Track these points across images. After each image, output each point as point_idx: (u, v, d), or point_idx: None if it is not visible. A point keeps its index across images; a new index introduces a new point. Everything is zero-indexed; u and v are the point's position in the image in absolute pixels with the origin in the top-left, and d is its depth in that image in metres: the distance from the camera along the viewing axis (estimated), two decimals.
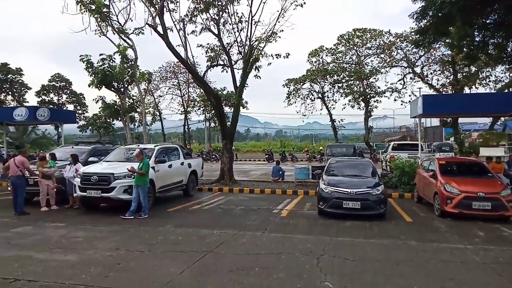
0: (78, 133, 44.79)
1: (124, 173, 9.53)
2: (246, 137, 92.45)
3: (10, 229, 7.94)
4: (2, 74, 44.14)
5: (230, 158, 16.16)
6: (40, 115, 15.47)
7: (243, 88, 16.52)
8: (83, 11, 14.06)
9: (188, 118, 40.84)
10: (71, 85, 48.69)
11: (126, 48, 15.67)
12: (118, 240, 7.06)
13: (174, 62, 35.49)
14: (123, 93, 18.10)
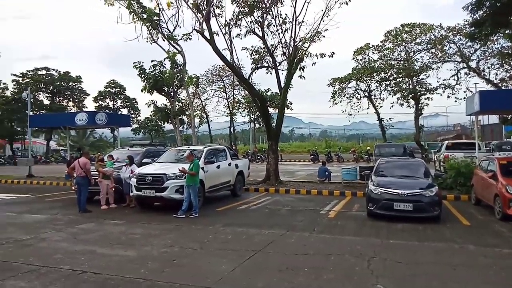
0: (131, 135, 47.29)
1: (176, 173, 9.97)
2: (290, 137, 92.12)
3: (75, 226, 8.63)
4: (64, 82, 47.82)
5: (275, 159, 16.26)
6: (98, 120, 16.63)
7: (288, 89, 16.56)
8: (136, 20, 14.90)
9: (234, 119, 41.59)
10: (125, 91, 51.63)
11: (175, 53, 16.35)
12: (172, 238, 7.41)
13: (220, 66, 36.35)
14: (173, 97, 18.88)
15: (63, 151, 50.59)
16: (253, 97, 17.79)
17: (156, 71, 17.54)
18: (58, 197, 13.68)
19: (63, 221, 9.23)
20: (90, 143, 49.01)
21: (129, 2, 14.46)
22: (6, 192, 14.98)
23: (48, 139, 49.17)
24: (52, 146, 52.74)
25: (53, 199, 13.10)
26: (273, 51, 16.78)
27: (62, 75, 47.52)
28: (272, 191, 14.18)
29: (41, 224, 8.83)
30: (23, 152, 44.59)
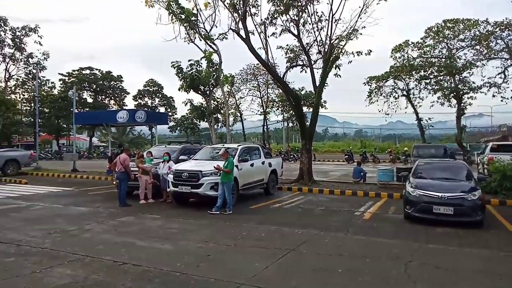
0: (168, 133, 48.68)
1: (211, 170, 10.17)
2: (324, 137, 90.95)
3: (116, 219, 9.04)
4: (106, 81, 50.04)
5: (309, 158, 16.14)
6: (138, 117, 17.28)
7: (323, 88, 16.37)
8: (174, 21, 15.29)
9: (267, 118, 41.66)
10: (163, 89, 53.20)
11: (212, 53, 16.63)
12: (207, 233, 7.58)
13: (254, 64, 36.52)
14: (209, 96, 19.23)
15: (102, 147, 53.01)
16: (287, 95, 17.74)
17: (193, 71, 17.94)
18: (100, 191, 14.36)
19: (104, 214, 9.69)
20: (129, 140, 50.97)
21: (168, 3, 14.88)
22: (54, 185, 15.93)
23: (91, 136, 51.72)
24: (94, 142, 55.34)
25: (96, 193, 13.77)
26: (308, 50, 16.64)
27: (105, 74, 49.78)
28: (305, 191, 14.09)
29: (85, 216, 9.32)
30: (68, 147, 47.17)
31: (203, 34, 16.15)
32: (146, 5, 14.41)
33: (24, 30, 28.80)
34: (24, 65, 30.41)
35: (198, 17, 15.87)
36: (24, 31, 28.80)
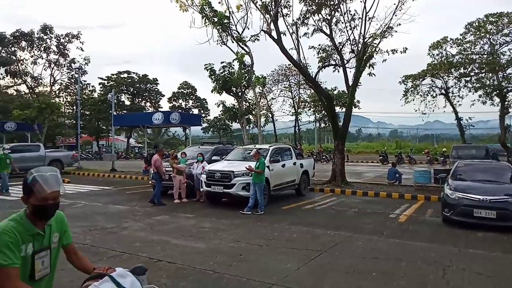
0: (201, 134, 49.59)
1: (243, 171, 10.27)
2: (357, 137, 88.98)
3: (152, 217, 9.34)
4: (142, 84, 51.80)
5: (341, 159, 15.89)
6: (172, 119, 17.78)
7: (356, 87, 16.07)
8: (207, 24, 15.59)
9: (299, 119, 41.45)
10: (196, 92, 54.31)
11: (244, 54, 16.79)
12: (239, 233, 7.67)
13: (286, 65, 36.48)
14: (241, 97, 19.42)
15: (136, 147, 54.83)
16: (319, 96, 17.56)
17: (225, 72, 18.19)
18: (136, 190, 14.88)
19: (141, 212, 10.04)
20: (164, 141, 52.47)
21: (202, 7, 15.20)
22: (94, 184, 16.70)
23: (128, 137, 53.72)
24: (132, 143, 57.42)
25: (133, 192, 14.29)
26: (341, 49, 16.40)
27: (141, 78, 51.56)
28: (338, 192, 13.89)
29: (122, 214, 9.70)
30: (107, 148, 49.25)
31: (235, 36, 16.34)
32: (181, 10, 14.79)
33: (67, 37, 30.41)
34: (67, 70, 32.14)
35: (230, 20, 16.08)
36: (67, 38, 30.41)
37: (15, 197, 12.25)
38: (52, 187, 2.07)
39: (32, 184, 2.04)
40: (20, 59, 30.13)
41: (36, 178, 2.04)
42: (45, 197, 2.06)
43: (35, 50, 29.76)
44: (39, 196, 2.04)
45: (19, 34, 29.05)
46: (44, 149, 21.91)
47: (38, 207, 2.08)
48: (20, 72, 29.97)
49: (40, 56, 30.02)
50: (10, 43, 29.37)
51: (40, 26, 29.59)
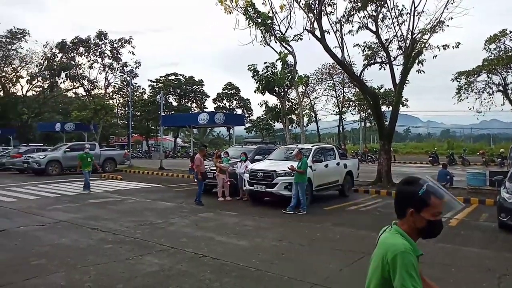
0: (244, 134, 50.22)
1: (285, 171, 10.30)
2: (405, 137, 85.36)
3: (197, 214, 9.66)
4: (189, 85, 53.51)
5: (388, 160, 15.38)
6: (217, 119, 18.22)
7: (403, 85, 15.48)
8: (251, 25, 15.80)
9: (343, 118, 40.58)
10: (240, 92, 55.09)
11: (287, 54, 16.81)
12: (281, 232, 7.72)
13: (330, 64, 35.88)
14: (283, 97, 19.43)
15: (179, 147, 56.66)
16: (365, 94, 17.12)
17: (268, 72, 18.30)
18: (183, 188, 15.44)
19: (187, 209, 10.42)
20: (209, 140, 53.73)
21: (246, 9, 15.42)
22: (144, 182, 17.56)
23: (175, 136, 55.75)
24: (179, 143, 59.49)
25: (179, 190, 14.85)
26: (388, 46, 15.88)
27: (188, 79, 53.28)
28: (384, 194, 13.47)
29: (170, 211, 10.14)
30: (156, 147, 51.45)
31: (278, 36, 16.40)
32: (225, 12, 15.12)
33: (120, 42, 32.17)
34: (120, 73, 33.96)
35: (274, 20, 16.17)
36: (120, 43, 32.17)
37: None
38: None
39: (426, 196, 1.74)
40: (78, 64, 32.41)
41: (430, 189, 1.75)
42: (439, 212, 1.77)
43: (92, 55, 31.85)
44: (435, 210, 1.75)
45: (77, 41, 31.25)
46: (99, 148, 23.37)
47: (432, 223, 1.77)
48: (78, 76, 32.22)
49: (96, 61, 32.09)
50: (70, 49, 31.69)
51: (96, 32, 31.61)
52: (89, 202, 11.40)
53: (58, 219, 8.76)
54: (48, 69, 34.02)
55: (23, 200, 11.75)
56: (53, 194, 13.13)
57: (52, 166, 20.13)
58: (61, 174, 20.23)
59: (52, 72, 33.11)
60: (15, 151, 24.09)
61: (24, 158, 20.62)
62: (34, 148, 24.08)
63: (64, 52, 32.52)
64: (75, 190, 14.34)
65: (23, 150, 23.49)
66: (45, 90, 40.31)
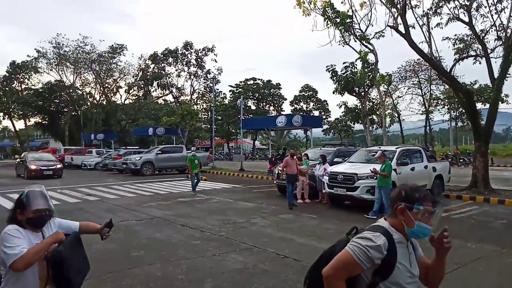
0: (321, 136, 49.55)
1: (367, 173, 9.97)
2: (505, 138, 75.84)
3: (277, 215, 9.84)
4: (267, 89, 54.71)
5: (484, 163, 13.86)
6: (295, 121, 18.33)
7: (503, 80, 13.84)
8: (329, 25, 15.58)
9: (430, 118, 37.65)
10: (317, 94, 54.69)
11: (367, 53, 16.23)
12: None
13: (415, 60, 33.69)
14: (364, 97, 18.79)
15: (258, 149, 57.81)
16: (456, 91, 15.70)
17: (348, 72, 17.86)
18: (262, 189, 15.83)
19: (267, 210, 10.68)
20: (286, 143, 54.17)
21: (324, 9, 15.27)
22: (226, 182, 18.42)
23: (254, 139, 57.39)
24: (256, 145, 61.04)
25: (259, 191, 15.26)
26: (483, 37, 14.36)
27: (265, 83, 54.54)
28: (480, 200, 12.18)
29: (251, 211, 10.49)
30: (236, 150, 53.49)
31: (358, 34, 15.91)
32: (303, 15, 15.14)
33: (204, 51, 34.30)
34: (204, 80, 36.18)
35: (353, 18, 15.74)
36: (204, 52, 34.29)
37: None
38: None
39: None
40: (168, 73, 35.35)
41: None
42: None
43: (179, 64, 34.49)
44: None
45: (167, 52, 34.17)
46: (186, 150, 25.14)
47: None
48: (168, 84, 35.15)
49: (182, 69, 34.70)
50: (160, 60, 34.75)
51: (182, 43, 34.15)
52: (178, 201, 12.35)
53: (153, 216, 9.68)
54: (142, 79, 37.71)
55: (124, 197, 13.19)
56: (147, 192, 14.50)
57: (146, 167, 22.26)
58: (153, 174, 22.27)
59: (145, 81, 36.63)
60: (116, 154, 27.21)
61: (123, 160, 23.15)
62: (131, 151, 26.89)
63: (156, 63, 35.72)
64: (165, 189, 15.65)
65: (122, 153, 26.39)
66: (140, 98, 44.71)
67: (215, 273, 5.34)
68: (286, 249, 6.52)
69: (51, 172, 20.66)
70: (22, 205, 2.40)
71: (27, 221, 2.39)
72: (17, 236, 2.29)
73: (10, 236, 2.27)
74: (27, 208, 2.37)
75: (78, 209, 10.82)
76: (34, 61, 43.27)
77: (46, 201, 2.48)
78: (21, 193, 2.47)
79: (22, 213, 2.39)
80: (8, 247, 2.22)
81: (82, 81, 45.44)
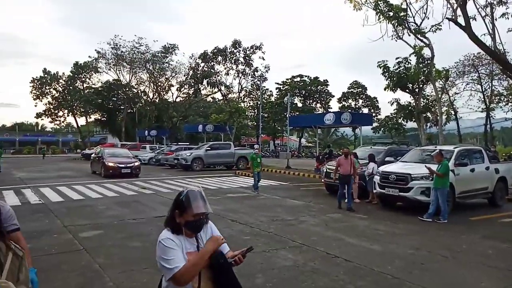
0: (370, 134, 48.01)
1: (422, 174, 9.53)
2: None
3: (326, 214, 9.74)
4: (314, 86, 54.05)
5: None
6: (344, 119, 17.96)
7: None
8: (381, 20, 15.06)
9: (491, 115, 35.01)
10: (366, 90, 53.06)
11: (422, 47, 15.47)
12: (417, 240, 7.20)
13: (474, 54, 31.48)
14: (418, 94, 17.93)
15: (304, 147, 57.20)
16: None
17: (401, 68, 17.14)
18: (309, 187, 15.72)
19: (315, 208, 10.60)
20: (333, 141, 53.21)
21: (376, 3, 14.79)
22: (272, 179, 18.52)
23: (300, 137, 57.00)
24: (302, 143, 60.57)
25: (306, 189, 15.17)
26: None
27: (312, 80, 53.86)
28: None
29: (299, 209, 10.47)
30: (282, 147, 53.50)
31: (413, 28, 15.21)
32: (354, 9, 14.76)
33: (252, 49, 34.70)
34: (251, 78, 36.59)
35: (408, 12, 15.07)
36: (252, 50, 34.68)
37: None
38: None
39: None
40: (217, 72, 36.22)
41: None
42: None
43: (228, 62, 35.22)
44: None
45: (216, 51, 35.04)
46: (234, 147, 25.60)
47: None
48: (217, 82, 36.01)
49: (231, 68, 35.37)
50: (210, 59, 35.69)
51: (231, 41, 34.78)
52: (227, 196, 12.65)
53: None
54: (193, 78, 38.95)
55: (176, 191, 13.57)
56: (198, 187, 14.97)
57: (196, 163, 23.02)
58: (202, 170, 22.97)
59: (196, 80, 37.80)
60: (168, 149, 28.41)
61: (174, 155, 24.11)
62: (182, 147, 27.93)
63: (206, 62, 36.75)
64: (215, 184, 16.09)
65: (173, 149, 27.50)
66: (190, 96, 46.26)
67: (265, 269, 5.43)
68: (336, 249, 6.45)
69: (129, 170, 18.74)
70: (181, 207, 2.25)
71: (186, 224, 2.26)
72: (172, 247, 2.18)
73: (166, 248, 2.17)
74: (187, 210, 2.23)
75: (135, 201, 11.49)
76: (95, 62, 46.43)
77: (205, 203, 2.30)
78: (179, 193, 2.33)
79: (181, 215, 2.26)
80: (165, 260, 2.15)
81: (137, 80, 48.00)
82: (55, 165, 29.89)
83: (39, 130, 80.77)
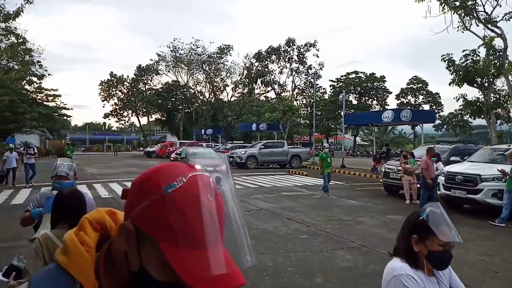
0: (431, 132, 45.33)
1: (493, 175, 8.85)
2: None
3: (385, 215, 9.41)
4: (370, 82, 52.20)
5: None
6: (403, 116, 17.15)
7: None
8: (446, 10, 14.15)
9: None
10: (427, 86, 50.10)
11: (493, 38, 14.27)
12: (489, 246, 6.70)
13: None
14: (488, 89, 16.56)
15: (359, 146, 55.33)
16: None
17: (468, 61, 15.95)
18: (366, 187, 15.26)
19: (373, 209, 10.28)
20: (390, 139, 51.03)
21: None
22: None
23: (354, 135, 55.37)
24: (357, 141, 58.81)
25: (363, 189, 14.75)
26: None
27: (368, 76, 51.99)
28: None
29: (356, 209, 10.23)
30: (336, 145, 52.38)
31: (483, 18, 14.09)
32: (416, 1, 14.05)
33: (306, 47, 34.45)
34: (305, 76, 36.31)
35: (476, 0, 14.00)
36: (306, 47, 34.43)
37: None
38: None
39: None
40: (270, 70, 36.47)
41: None
42: None
43: (282, 61, 35.32)
44: None
45: (270, 50, 35.29)
46: (287, 146, 25.64)
47: None
48: (270, 81, 36.25)
49: (284, 66, 35.42)
50: (264, 58, 36.04)
51: (285, 40, 34.83)
52: (282, 195, 12.72)
53: (260, 207, 10.18)
54: (247, 77, 39.60)
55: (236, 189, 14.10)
56: (253, 185, 15.25)
57: (250, 161, 23.43)
58: (256, 168, 23.28)
59: (250, 79, 38.38)
60: (223, 148, 29.20)
61: (229, 154, 24.73)
62: (237, 145, 28.58)
63: (260, 61, 37.16)
64: (269, 182, 16.25)
65: (229, 147, 28.22)
66: (245, 95, 47.09)
67: (324, 269, 5.40)
68: None
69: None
70: (422, 230, 1.67)
71: (429, 255, 1.68)
72: None
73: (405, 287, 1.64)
74: (431, 236, 1.64)
75: None
76: (155, 64, 49.07)
77: (451, 229, 1.69)
78: (415, 212, 1.78)
79: (423, 242, 1.68)
80: None
81: (194, 80, 49.93)
82: (121, 162, 32.08)
83: (106, 129, 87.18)
